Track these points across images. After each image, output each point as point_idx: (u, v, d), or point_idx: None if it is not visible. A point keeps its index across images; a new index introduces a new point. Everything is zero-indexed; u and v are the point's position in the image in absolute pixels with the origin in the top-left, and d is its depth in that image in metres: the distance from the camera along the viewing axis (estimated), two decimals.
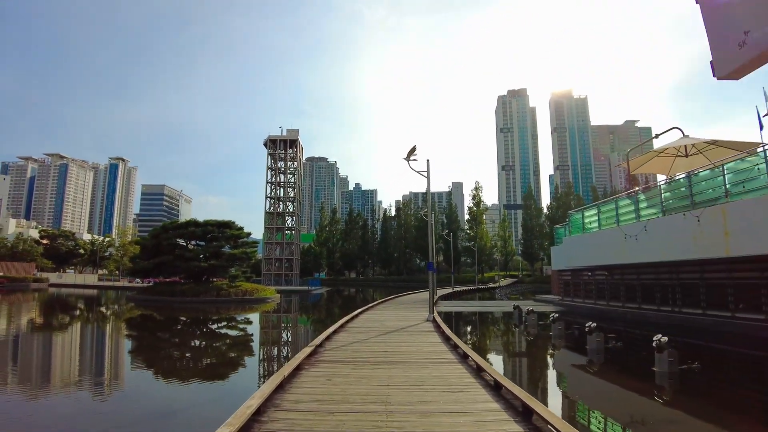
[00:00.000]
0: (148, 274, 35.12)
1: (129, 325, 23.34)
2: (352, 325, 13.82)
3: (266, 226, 71.82)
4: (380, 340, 10.82)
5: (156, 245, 33.09)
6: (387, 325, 14.07)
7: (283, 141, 74.20)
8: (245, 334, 20.32)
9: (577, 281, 26.01)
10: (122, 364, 13.40)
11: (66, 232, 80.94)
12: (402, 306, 22.77)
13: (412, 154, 16.60)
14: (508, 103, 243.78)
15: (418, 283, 79.01)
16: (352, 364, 7.93)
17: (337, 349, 9.49)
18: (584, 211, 21.95)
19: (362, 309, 18.63)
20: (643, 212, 17.19)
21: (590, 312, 23.38)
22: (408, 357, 8.73)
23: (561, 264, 26.23)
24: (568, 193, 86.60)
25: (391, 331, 12.67)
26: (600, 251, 19.29)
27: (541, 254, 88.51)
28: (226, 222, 35.09)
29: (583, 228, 21.53)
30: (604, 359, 11.82)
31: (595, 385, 10.11)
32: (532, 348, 15.67)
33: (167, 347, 16.13)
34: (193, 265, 32.06)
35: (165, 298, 31.02)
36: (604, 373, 10.94)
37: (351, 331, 12.48)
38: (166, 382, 10.67)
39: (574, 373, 11.29)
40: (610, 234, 18.72)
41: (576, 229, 22.55)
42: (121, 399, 8.97)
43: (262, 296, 33.30)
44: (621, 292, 21.59)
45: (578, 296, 26.01)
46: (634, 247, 16.97)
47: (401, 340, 10.99)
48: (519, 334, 18.25)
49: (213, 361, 13.51)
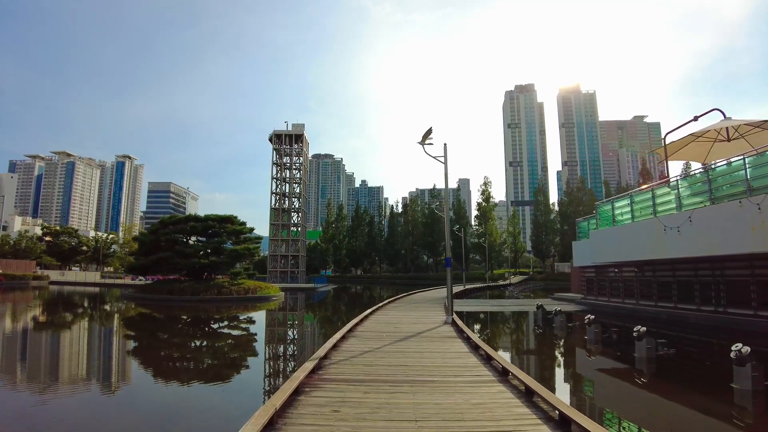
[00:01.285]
0: (147, 272, 33.67)
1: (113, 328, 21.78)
2: (362, 329, 12.19)
3: (271, 223, 70.36)
4: (396, 350, 9.15)
5: (155, 241, 31.63)
6: (401, 329, 12.41)
7: (288, 136, 72.53)
8: (241, 339, 18.22)
9: (601, 278, 24.17)
10: (88, 372, 11.82)
11: (69, 229, 79.83)
12: (414, 306, 21.09)
13: (427, 138, 14.89)
14: (516, 98, 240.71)
15: (427, 280, 77.32)
16: (366, 385, 6.27)
17: (345, 362, 7.84)
18: (614, 202, 20.05)
19: (372, 309, 16.98)
20: (686, 201, 15.33)
21: (617, 311, 21.59)
22: (434, 373, 7.06)
23: (585, 260, 24.41)
24: (580, 188, 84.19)
25: (408, 336, 11.01)
26: (633, 245, 17.47)
27: (552, 251, 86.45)
28: (228, 217, 33.49)
29: (614, 220, 19.67)
30: (657, 369, 10.10)
31: (682, 416, 7.71)
32: (569, 357, 13.89)
33: (144, 356, 14.29)
34: (193, 261, 30.50)
35: (163, 296, 29.55)
36: (679, 393, 8.82)
37: (361, 336, 10.84)
38: (129, 403, 9.04)
39: (646, 398, 8.81)
40: (646, 226, 16.89)
41: (605, 222, 20.70)
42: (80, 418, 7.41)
43: (265, 294, 31.73)
44: (653, 289, 19.76)
45: (603, 294, 24.18)
46: (675, 241, 15.15)
47: (421, 349, 9.31)
48: (548, 339, 16.48)
49: (199, 376, 11.40)
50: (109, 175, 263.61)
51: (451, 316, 13.97)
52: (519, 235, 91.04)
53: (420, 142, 14.96)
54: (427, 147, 15.00)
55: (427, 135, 14.86)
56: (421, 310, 18.90)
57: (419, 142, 14.98)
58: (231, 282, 30.99)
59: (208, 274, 33.58)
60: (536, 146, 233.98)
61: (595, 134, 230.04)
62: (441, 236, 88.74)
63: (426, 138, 14.89)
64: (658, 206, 16.71)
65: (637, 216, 17.97)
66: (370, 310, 16.52)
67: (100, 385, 10.21)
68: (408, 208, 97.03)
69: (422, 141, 14.93)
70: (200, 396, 9.08)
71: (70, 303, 34.51)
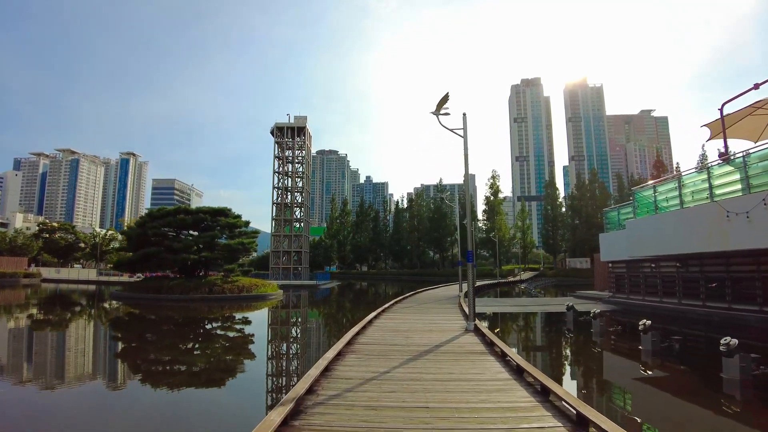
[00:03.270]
0: (134, 268, 31.31)
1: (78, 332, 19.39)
2: (365, 340, 9.72)
3: (273, 218, 68.09)
4: (410, 375, 6.67)
5: (141, 235, 29.24)
6: (413, 339, 9.92)
7: (290, 128, 70.07)
8: (215, 353, 13.89)
9: (634, 274, 21.54)
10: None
11: (65, 225, 77.87)
12: (425, 307, 18.59)
13: (442, 106, 12.36)
14: (522, 92, 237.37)
15: (433, 276, 74.95)
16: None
17: (337, 400, 5.37)
18: (657, 187, 17.34)
19: (376, 312, 14.48)
20: (755, 181, 12.69)
21: (654, 312, 18.98)
22: (474, 424, 4.57)
23: (615, 253, 21.79)
24: (593, 181, 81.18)
25: (423, 351, 8.52)
26: (684, 235, 14.84)
27: (564, 246, 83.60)
28: (221, 209, 31.04)
29: (656, 208, 17.01)
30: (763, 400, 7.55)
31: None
32: (633, 379, 10.21)
33: (90, 372, 11.45)
34: (183, 257, 28.12)
35: (150, 295, 27.20)
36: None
37: (362, 352, 8.36)
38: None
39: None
40: (701, 212, 14.27)
41: (644, 210, 18.05)
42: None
43: (262, 293, 29.25)
44: (701, 287, 17.16)
45: (636, 292, 21.57)
46: (742, 229, 12.53)
47: (444, 373, 6.81)
48: (589, 348, 13.84)
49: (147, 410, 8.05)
50: (114, 173, 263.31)
51: (472, 322, 11.47)
52: (528, 230, 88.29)
53: (434, 112, 12.44)
54: (443, 118, 12.49)
55: (443, 103, 12.34)
56: (433, 312, 16.42)
57: (433, 113, 12.47)
58: (224, 279, 28.54)
59: (201, 271, 31.29)
60: (543, 141, 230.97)
61: (603, 128, 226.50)
62: (448, 231, 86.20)
63: (441, 107, 12.37)
64: (717, 189, 14.07)
65: (688, 201, 15.33)
66: (374, 314, 14.04)
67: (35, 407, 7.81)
68: (413, 203, 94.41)
69: (437, 110, 12.41)
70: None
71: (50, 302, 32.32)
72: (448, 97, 12.31)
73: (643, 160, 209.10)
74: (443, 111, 12.41)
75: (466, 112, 12.62)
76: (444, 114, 12.44)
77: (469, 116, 12.59)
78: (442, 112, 12.39)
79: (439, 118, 12.40)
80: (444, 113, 12.42)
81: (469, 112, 12.67)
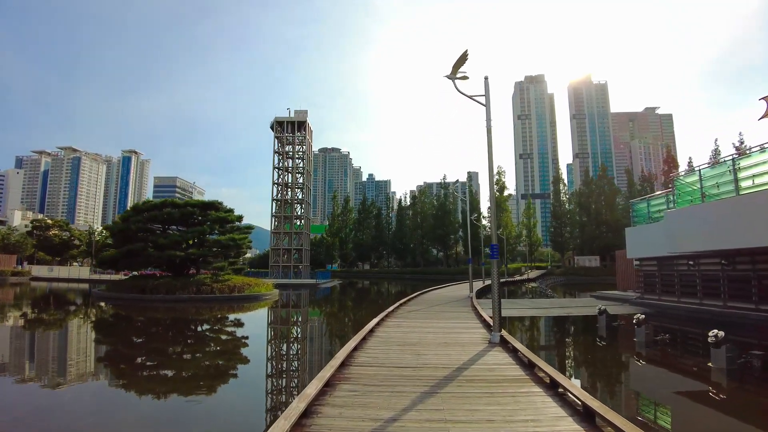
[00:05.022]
0: (117, 265, 29.10)
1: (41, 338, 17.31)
2: (363, 358, 7.52)
3: (273, 214, 65.98)
4: (431, 425, 4.48)
5: (125, 230, 27.06)
6: (426, 358, 7.70)
7: (290, 123, 67.92)
8: (185, 367, 11.37)
9: (667, 273, 19.27)
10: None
11: (60, 221, 75.74)
12: (434, 310, 16.37)
13: (459, 68, 10.15)
14: (526, 89, 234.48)
15: (437, 275, 72.90)
16: None
17: None
18: (704, 171, 15.00)
19: (379, 318, 12.26)
20: None
21: (692, 315, 16.78)
22: None
23: (644, 250, 19.54)
24: (602, 176, 78.76)
25: (441, 379, 6.25)
26: (743, 227, 12.58)
27: (572, 244, 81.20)
28: (211, 202, 28.85)
29: (703, 196, 14.72)
30: None
31: None
32: (730, 412, 7.50)
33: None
34: (169, 254, 25.94)
35: (134, 295, 25.06)
36: None
37: (359, 380, 6.15)
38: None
39: None
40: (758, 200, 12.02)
41: (686, 199, 15.78)
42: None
43: (255, 293, 27.03)
44: (753, 288, 14.91)
45: (669, 293, 19.30)
46: None
47: (480, 420, 4.61)
48: (643, 364, 11.35)
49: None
50: (116, 171, 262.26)
51: (498, 333, 9.26)
52: (534, 228, 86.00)
53: (449, 76, 10.23)
54: (461, 84, 10.29)
55: (460, 64, 10.12)
56: (445, 317, 14.20)
57: (448, 76, 10.26)
58: (214, 279, 26.36)
59: (196, 269, 29.17)
60: (547, 138, 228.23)
61: (607, 126, 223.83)
62: (451, 229, 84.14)
63: (457, 69, 10.15)
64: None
65: (747, 188, 13.05)
66: (377, 320, 11.84)
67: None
68: (417, 199, 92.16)
69: (452, 73, 10.20)
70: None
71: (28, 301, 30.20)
72: (466, 57, 10.08)
73: (647, 157, 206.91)
74: (460, 74, 10.20)
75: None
76: (461, 78, 10.23)
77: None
78: (459, 76, 10.19)
79: (456, 83, 10.20)
80: (461, 77, 10.22)
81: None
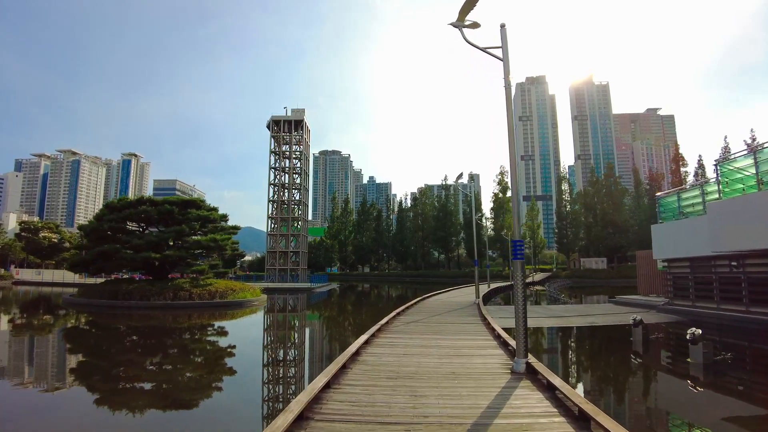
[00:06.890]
0: (88, 268, 26.77)
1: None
2: (334, 406, 5.25)
3: (269, 216, 63.76)
4: None
5: (98, 230, 24.88)
6: (426, 401, 5.45)
7: (287, 122, 65.84)
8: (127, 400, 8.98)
9: (703, 275, 16.97)
10: None
11: (50, 224, 73.68)
12: (437, 321, 14.00)
13: (466, 14, 7.93)
14: (527, 90, 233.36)
15: (439, 278, 70.88)
16: None
17: None
18: (759, 153, 12.64)
19: (369, 335, 9.87)
20: None
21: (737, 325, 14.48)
22: None
23: (675, 249, 17.26)
24: (608, 176, 76.47)
25: None
26: None
27: (577, 245, 78.75)
28: (192, 200, 26.64)
29: (760, 183, 12.43)
30: None
31: None
32: None
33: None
34: (145, 256, 23.78)
35: (105, 301, 22.85)
36: None
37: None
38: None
39: None
40: None
41: (735, 188, 13.48)
42: None
43: (239, 299, 24.72)
44: None
45: (705, 298, 17.01)
46: None
47: None
48: (714, 394, 9.09)
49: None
50: (115, 174, 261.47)
51: (523, 360, 6.94)
52: (539, 229, 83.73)
53: (456, 23, 8.02)
54: (470, 34, 8.06)
55: (468, 9, 7.89)
56: (450, 331, 11.89)
57: (454, 23, 8.05)
58: (193, 283, 24.19)
59: (179, 272, 26.94)
60: (548, 139, 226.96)
61: (609, 127, 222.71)
62: (453, 231, 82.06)
63: (465, 15, 7.94)
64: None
65: None
66: (365, 336, 9.55)
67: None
68: (418, 201, 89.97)
69: (459, 20, 8.00)
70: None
71: None
72: (475, 1, 7.85)
73: (650, 158, 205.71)
74: (468, 22, 7.98)
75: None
76: (469, 26, 8.00)
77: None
78: (467, 23, 7.97)
79: (463, 32, 7.98)
80: (469, 25, 7.99)
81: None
